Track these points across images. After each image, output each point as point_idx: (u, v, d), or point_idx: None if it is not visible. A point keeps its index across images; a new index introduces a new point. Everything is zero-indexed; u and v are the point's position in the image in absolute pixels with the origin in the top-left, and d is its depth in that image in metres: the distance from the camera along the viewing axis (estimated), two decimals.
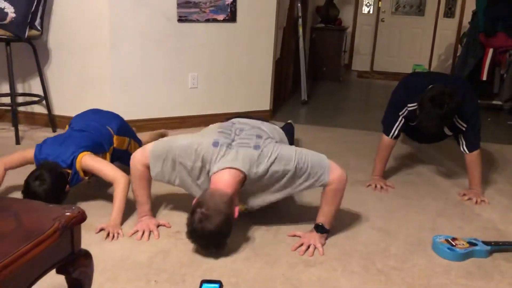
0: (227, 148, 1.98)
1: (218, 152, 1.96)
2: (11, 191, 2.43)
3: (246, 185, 1.97)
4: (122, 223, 2.17)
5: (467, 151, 2.63)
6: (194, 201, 1.91)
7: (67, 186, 2.19)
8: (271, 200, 2.07)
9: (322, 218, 2.05)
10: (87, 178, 2.31)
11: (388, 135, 2.77)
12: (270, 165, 1.96)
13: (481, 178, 2.69)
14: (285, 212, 2.36)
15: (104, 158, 2.41)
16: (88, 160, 2.23)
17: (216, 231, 1.81)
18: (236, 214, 1.90)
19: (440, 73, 2.87)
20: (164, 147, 2.05)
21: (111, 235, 2.07)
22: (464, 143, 2.64)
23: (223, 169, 1.92)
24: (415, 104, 2.59)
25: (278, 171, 1.97)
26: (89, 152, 2.27)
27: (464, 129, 2.61)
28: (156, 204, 2.33)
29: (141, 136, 2.89)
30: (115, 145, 2.49)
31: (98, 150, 2.36)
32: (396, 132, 2.75)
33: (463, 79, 2.75)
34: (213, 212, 1.79)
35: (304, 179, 2.00)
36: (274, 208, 2.39)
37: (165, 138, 2.14)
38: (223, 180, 1.89)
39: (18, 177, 2.28)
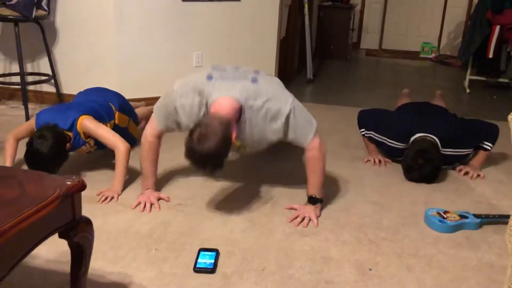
0: (223, 80, 1.97)
1: (213, 84, 1.96)
2: (22, 163, 2.54)
3: (241, 121, 1.95)
4: (123, 189, 2.29)
5: (491, 146, 2.69)
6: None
7: (68, 144, 2.25)
8: (261, 140, 2.04)
9: (312, 189, 2.12)
10: (87, 144, 2.37)
11: (360, 128, 2.83)
12: (267, 101, 1.93)
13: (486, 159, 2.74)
14: (282, 186, 2.44)
15: None
16: (88, 123, 2.30)
17: (214, 151, 1.77)
18: (234, 136, 1.87)
19: (432, 112, 2.85)
20: (162, 99, 2.10)
21: (103, 197, 2.19)
22: (486, 144, 2.68)
23: (220, 97, 1.91)
24: (394, 142, 2.69)
25: (273, 110, 1.94)
26: (89, 116, 2.33)
27: (473, 149, 2.70)
28: (159, 178, 2.41)
29: (137, 110, 3.00)
30: (116, 121, 2.57)
31: (97, 118, 2.39)
32: (365, 135, 2.82)
33: (451, 115, 2.81)
34: (211, 131, 1.77)
35: (293, 129, 1.99)
36: (272, 182, 2.47)
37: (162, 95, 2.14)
38: (221, 107, 1.88)
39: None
